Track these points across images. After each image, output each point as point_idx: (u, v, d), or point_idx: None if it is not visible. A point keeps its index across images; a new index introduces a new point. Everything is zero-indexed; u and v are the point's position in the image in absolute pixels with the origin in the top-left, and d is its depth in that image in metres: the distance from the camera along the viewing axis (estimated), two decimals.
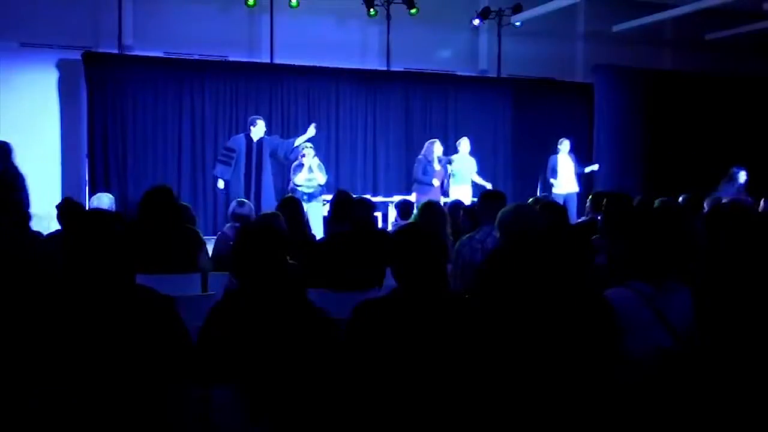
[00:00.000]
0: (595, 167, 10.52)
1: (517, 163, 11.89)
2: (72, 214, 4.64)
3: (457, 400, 2.26)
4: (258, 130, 8.75)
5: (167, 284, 2.99)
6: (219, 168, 8.80)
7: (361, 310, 2.43)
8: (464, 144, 9.86)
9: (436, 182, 9.06)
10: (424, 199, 6.07)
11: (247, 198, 8.49)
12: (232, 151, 8.76)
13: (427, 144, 9.32)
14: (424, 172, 9.15)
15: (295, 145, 8.89)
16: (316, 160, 8.90)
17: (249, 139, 8.77)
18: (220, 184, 8.78)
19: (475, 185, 9.61)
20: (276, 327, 2.31)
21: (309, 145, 8.91)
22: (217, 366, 2.25)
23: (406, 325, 2.38)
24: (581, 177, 10.27)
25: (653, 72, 12.46)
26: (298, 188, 8.71)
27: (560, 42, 12.42)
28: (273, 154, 8.93)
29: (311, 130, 8.85)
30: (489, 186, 9.22)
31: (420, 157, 9.29)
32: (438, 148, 9.23)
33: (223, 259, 4.47)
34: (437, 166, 9.18)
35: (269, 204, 8.78)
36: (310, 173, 8.81)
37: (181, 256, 4.22)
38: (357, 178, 11.06)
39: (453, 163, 9.72)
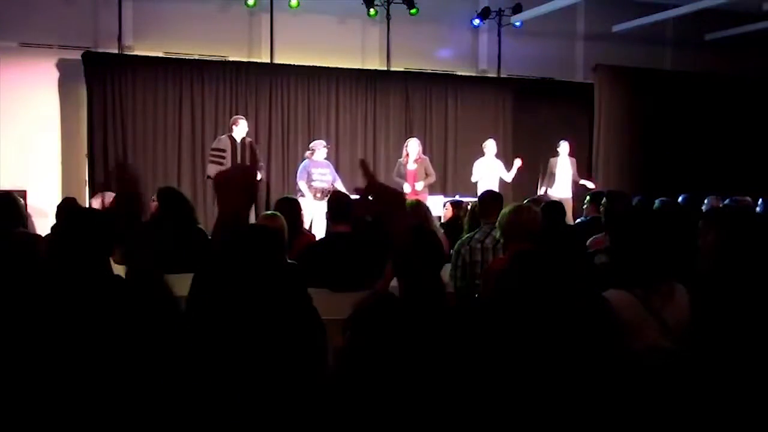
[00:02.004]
0: (591, 185, 10.09)
1: None
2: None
3: (454, 400, 2.25)
4: (240, 129, 8.70)
5: (178, 284, 2.97)
6: (213, 169, 8.79)
7: (359, 310, 2.43)
8: (489, 146, 9.84)
9: (406, 186, 8.77)
10: None
11: None
12: (222, 150, 8.72)
13: None
14: (398, 175, 9.03)
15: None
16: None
17: (232, 139, 8.71)
18: None
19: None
20: (272, 328, 2.30)
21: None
22: (210, 365, 2.24)
23: (404, 326, 2.38)
24: (576, 185, 10.18)
25: (653, 72, 12.45)
26: (314, 183, 8.74)
27: (560, 42, 12.41)
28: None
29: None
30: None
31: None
32: (412, 146, 9.00)
33: None
34: (411, 166, 8.96)
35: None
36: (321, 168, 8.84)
37: (190, 255, 4.23)
38: (357, 178, 11.04)
39: (477, 167, 9.70)
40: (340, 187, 8.78)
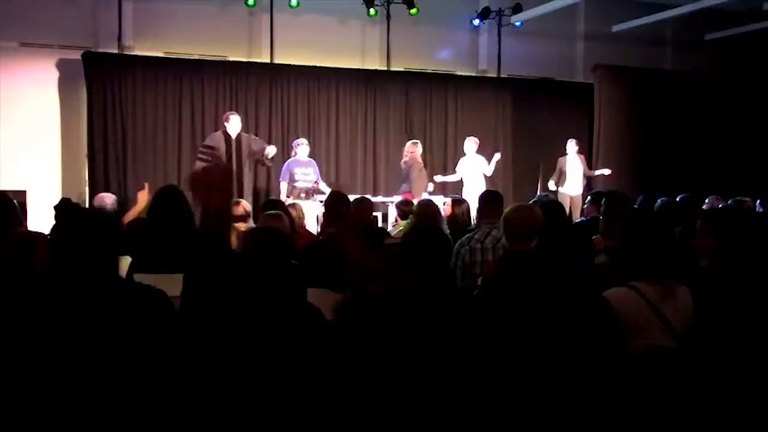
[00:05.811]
0: (607, 172, 10.51)
1: (517, 163, 11.88)
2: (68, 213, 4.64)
3: (455, 398, 2.25)
4: (233, 125, 8.56)
5: (176, 283, 2.96)
6: (200, 166, 8.69)
7: (355, 308, 2.42)
8: (468, 145, 9.89)
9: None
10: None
11: None
12: (212, 148, 8.54)
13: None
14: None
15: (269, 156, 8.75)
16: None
17: (227, 135, 8.58)
18: None
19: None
20: (270, 328, 2.30)
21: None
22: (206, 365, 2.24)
23: (408, 324, 2.37)
24: (591, 179, 10.32)
25: (653, 72, 12.45)
26: (297, 183, 8.71)
27: (560, 42, 12.41)
28: (252, 154, 8.75)
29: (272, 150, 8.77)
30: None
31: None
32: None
33: None
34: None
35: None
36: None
37: (185, 255, 4.22)
38: (357, 178, 11.05)
39: (460, 165, 9.76)
40: (323, 187, 8.77)
